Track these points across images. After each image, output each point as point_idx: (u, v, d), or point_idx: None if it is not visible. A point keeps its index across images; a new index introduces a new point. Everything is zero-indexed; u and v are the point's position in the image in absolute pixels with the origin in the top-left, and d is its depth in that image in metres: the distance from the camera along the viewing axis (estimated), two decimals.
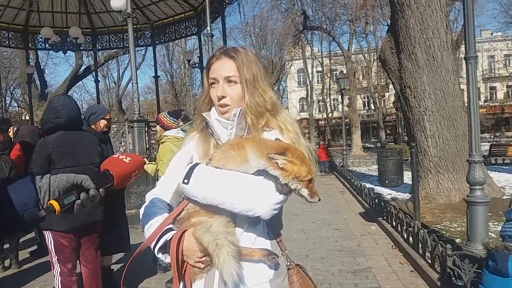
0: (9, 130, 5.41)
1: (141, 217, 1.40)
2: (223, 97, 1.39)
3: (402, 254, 4.99)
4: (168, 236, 1.27)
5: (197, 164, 1.32)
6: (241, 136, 1.37)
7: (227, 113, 1.40)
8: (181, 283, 1.29)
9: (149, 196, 1.45)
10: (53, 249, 3.11)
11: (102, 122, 4.07)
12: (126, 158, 1.19)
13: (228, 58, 1.41)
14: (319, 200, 1.28)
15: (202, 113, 1.45)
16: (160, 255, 1.30)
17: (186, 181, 1.28)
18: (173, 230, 1.29)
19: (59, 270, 3.11)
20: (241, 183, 1.23)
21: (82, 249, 3.26)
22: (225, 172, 1.26)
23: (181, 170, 1.39)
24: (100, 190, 1.11)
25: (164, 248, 1.28)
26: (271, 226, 1.37)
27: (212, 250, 1.21)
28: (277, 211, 1.26)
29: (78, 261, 3.30)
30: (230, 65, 1.40)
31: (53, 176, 1.05)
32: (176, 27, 14.45)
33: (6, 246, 5.23)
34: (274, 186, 1.22)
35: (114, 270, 4.35)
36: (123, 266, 4.85)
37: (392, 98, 35.58)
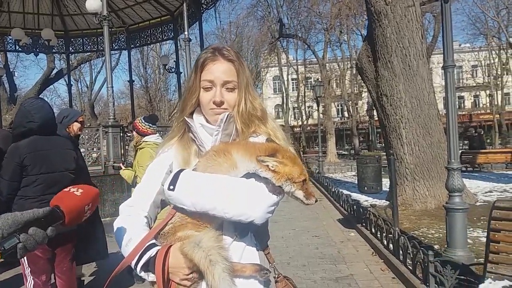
0: None
1: (115, 230, 1.28)
2: (222, 102, 1.31)
3: (382, 260, 5.00)
4: (152, 252, 1.17)
5: (182, 169, 1.24)
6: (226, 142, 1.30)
7: None
8: None
9: (124, 208, 1.34)
10: (25, 260, 2.92)
11: (76, 125, 3.97)
12: (77, 191, 1.05)
13: (226, 60, 1.32)
14: (316, 201, 1.23)
15: (185, 118, 1.35)
16: (142, 273, 1.19)
17: (171, 187, 1.19)
18: (157, 245, 1.19)
19: (32, 283, 2.92)
20: (231, 186, 1.16)
21: (56, 260, 3.09)
22: (213, 176, 1.19)
23: (159, 178, 1.31)
24: (49, 229, 0.95)
25: (147, 266, 1.17)
26: (259, 237, 1.30)
27: (205, 267, 1.12)
28: (271, 214, 1.19)
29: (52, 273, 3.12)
30: (228, 68, 1.32)
31: None
32: (152, 31, 14.27)
33: None
34: (265, 188, 1.16)
35: (85, 283, 4.20)
36: (94, 279, 4.68)
37: (365, 106, 36.26)
